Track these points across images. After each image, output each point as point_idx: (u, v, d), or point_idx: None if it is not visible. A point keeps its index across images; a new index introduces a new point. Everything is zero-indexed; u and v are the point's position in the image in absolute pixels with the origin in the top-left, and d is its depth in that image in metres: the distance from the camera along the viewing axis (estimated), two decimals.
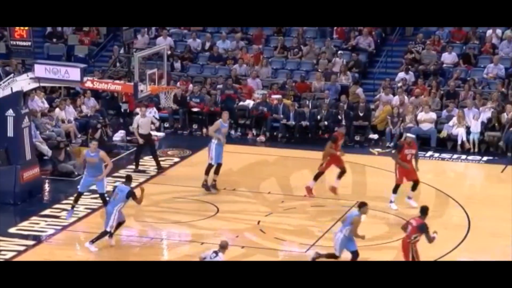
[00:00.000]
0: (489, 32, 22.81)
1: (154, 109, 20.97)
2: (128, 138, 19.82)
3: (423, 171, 16.39)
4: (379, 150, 20.09)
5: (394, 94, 21.45)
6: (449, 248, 14.09)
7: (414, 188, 15.78)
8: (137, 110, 18.84)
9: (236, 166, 17.09)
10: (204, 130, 20.85)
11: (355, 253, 12.69)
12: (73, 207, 15.03)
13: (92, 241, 13.82)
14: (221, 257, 11.47)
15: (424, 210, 12.41)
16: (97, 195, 16.45)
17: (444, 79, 22.10)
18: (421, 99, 21.00)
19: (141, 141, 17.59)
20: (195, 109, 21.62)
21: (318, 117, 20.90)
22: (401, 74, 22.27)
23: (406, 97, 21.18)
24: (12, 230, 14.79)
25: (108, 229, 13.80)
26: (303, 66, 23.14)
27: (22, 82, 16.15)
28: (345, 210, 15.64)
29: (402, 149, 15.83)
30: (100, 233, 13.86)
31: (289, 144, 20.57)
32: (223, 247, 11.61)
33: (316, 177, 16.37)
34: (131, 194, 13.78)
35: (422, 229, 12.19)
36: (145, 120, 17.75)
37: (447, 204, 16.16)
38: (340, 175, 16.46)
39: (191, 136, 21.05)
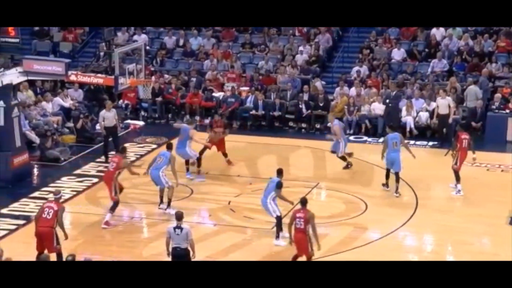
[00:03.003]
0: (434, 30, 23.05)
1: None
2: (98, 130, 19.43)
3: (375, 156, 16.52)
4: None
5: (350, 86, 21.61)
6: (399, 223, 14.29)
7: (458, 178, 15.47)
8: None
9: (209, 152, 17.06)
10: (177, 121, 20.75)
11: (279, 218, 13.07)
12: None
13: (169, 204, 14.24)
14: (187, 228, 11.35)
15: (303, 202, 11.96)
16: (81, 179, 16.38)
17: (393, 72, 22.32)
18: (374, 91, 21.19)
19: (104, 132, 17.38)
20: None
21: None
22: (356, 68, 22.43)
23: (362, 89, 21.34)
24: (4, 211, 14.66)
25: (167, 185, 14.29)
26: (270, 61, 23.16)
27: (12, 76, 15.95)
28: (307, 191, 15.80)
29: (458, 137, 15.54)
30: (160, 193, 14.34)
31: (258, 132, 20.62)
32: (181, 218, 11.35)
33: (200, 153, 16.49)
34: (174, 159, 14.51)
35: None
36: (110, 114, 17.58)
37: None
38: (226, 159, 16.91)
39: (167, 124, 20.97)
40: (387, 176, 15.73)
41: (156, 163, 14.49)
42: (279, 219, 13.25)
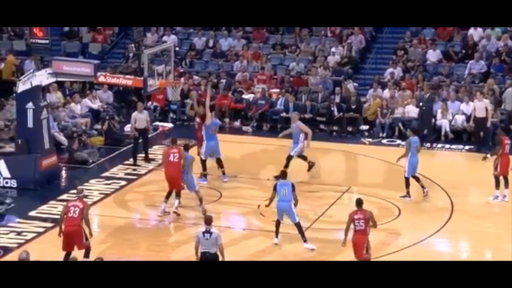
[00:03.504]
0: (471, 30, 22.80)
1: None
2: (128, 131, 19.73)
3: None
4: (370, 140, 20.13)
5: (383, 88, 21.49)
6: (435, 229, 14.15)
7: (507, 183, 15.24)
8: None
9: (237, 154, 17.12)
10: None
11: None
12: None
13: (201, 205, 14.42)
14: (216, 232, 11.37)
15: (359, 203, 11.91)
16: (110, 181, 16.54)
17: (428, 74, 22.12)
18: (407, 93, 21.04)
19: (136, 133, 17.52)
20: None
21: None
22: (390, 70, 22.29)
23: (396, 91, 21.21)
24: (32, 213, 14.87)
25: (196, 189, 14.51)
26: (301, 62, 23.13)
27: (41, 77, 16.17)
28: (338, 195, 15.73)
29: (502, 142, 15.32)
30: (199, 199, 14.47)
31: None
32: (210, 222, 11.38)
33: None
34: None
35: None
36: (141, 116, 17.70)
37: (432, 189, 16.19)
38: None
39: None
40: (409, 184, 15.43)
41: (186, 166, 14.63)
42: (299, 225, 13.32)
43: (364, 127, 20.80)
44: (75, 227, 11.83)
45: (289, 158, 16.47)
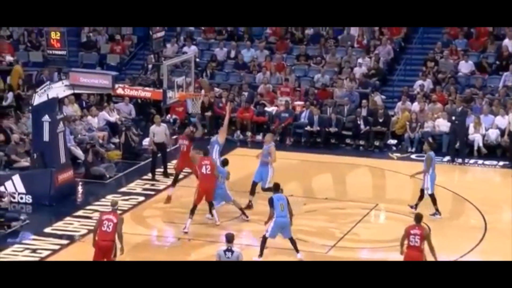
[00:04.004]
0: (506, 41, 22.63)
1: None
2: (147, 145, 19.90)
3: (440, 178, 16.22)
4: (398, 155, 20.02)
5: (412, 101, 21.39)
6: (467, 249, 14.00)
7: None
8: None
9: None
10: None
11: None
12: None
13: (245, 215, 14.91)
14: (238, 251, 11.36)
15: (418, 218, 12.02)
16: (127, 197, 16.62)
17: (460, 86, 21.99)
18: (438, 106, 20.92)
19: (154, 148, 17.65)
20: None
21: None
22: (419, 82, 22.19)
23: (426, 104, 21.10)
24: (47, 230, 14.97)
25: (232, 199, 14.80)
26: (326, 74, 23.12)
27: (58, 89, 16.32)
28: (365, 212, 15.66)
29: None
30: (240, 209, 14.91)
31: (312, 149, 20.57)
32: (231, 240, 11.38)
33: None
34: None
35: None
36: (160, 129, 17.81)
37: (463, 207, 16.03)
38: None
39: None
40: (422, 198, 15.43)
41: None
42: (293, 239, 13.42)
43: (392, 142, 20.70)
44: (109, 242, 11.97)
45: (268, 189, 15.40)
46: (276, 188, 13.65)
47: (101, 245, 12.10)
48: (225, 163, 15.36)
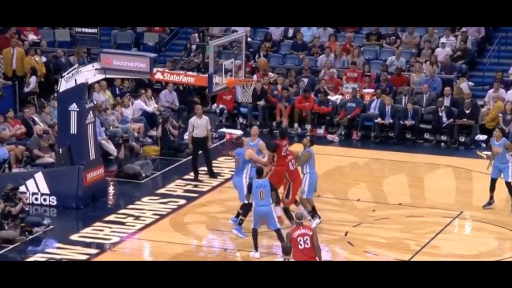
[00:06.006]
0: None
1: None
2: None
3: None
4: (488, 153, 19.72)
5: (507, 88, 21.08)
6: None
7: None
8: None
9: (321, 169, 17.04)
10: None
11: None
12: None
13: (240, 224, 14.73)
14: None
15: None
16: (166, 200, 16.82)
17: None
18: None
19: (190, 146, 17.81)
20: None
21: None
22: None
23: None
24: (74, 237, 15.21)
25: (245, 201, 14.53)
26: (401, 56, 22.96)
27: (87, 73, 16.56)
28: (447, 221, 15.50)
29: None
30: (242, 211, 14.71)
31: (384, 146, 20.44)
32: (289, 252, 11.50)
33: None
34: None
35: None
36: (201, 122, 17.92)
37: None
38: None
39: (271, 134, 21.19)
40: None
41: (236, 166, 15.16)
42: (280, 231, 13.72)
43: (481, 137, 20.45)
44: (312, 259, 11.95)
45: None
46: (259, 173, 14.08)
47: None
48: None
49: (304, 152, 15.29)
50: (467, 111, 20.60)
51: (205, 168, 18.03)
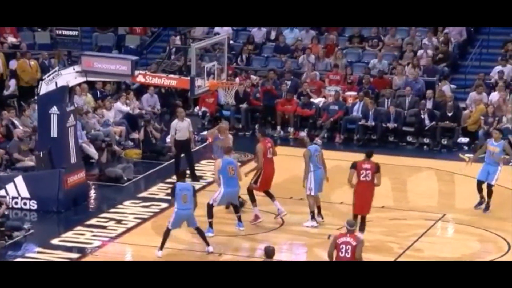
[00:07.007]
0: None
1: None
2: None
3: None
4: (470, 155, 19.80)
5: (489, 91, 21.19)
6: None
7: None
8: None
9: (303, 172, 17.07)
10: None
11: None
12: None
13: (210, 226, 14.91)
14: None
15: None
16: (148, 203, 16.77)
17: None
18: None
19: (173, 149, 17.81)
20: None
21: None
22: (498, 68, 21.97)
23: (507, 94, 20.90)
24: (54, 241, 15.15)
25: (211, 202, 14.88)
26: (384, 59, 23.03)
27: (68, 76, 16.51)
28: (430, 224, 15.55)
29: None
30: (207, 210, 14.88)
31: (367, 148, 20.44)
32: (272, 255, 11.48)
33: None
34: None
35: None
36: (183, 125, 17.90)
37: None
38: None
39: (253, 137, 21.17)
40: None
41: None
42: (200, 229, 14.18)
43: (464, 140, 20.55)
44: None
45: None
46: (181, 176, 14.28)
47: None
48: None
49: (304, 152, 15.50)
50: (449, 114, 20.70)
51: (188, 171, 18.00)
